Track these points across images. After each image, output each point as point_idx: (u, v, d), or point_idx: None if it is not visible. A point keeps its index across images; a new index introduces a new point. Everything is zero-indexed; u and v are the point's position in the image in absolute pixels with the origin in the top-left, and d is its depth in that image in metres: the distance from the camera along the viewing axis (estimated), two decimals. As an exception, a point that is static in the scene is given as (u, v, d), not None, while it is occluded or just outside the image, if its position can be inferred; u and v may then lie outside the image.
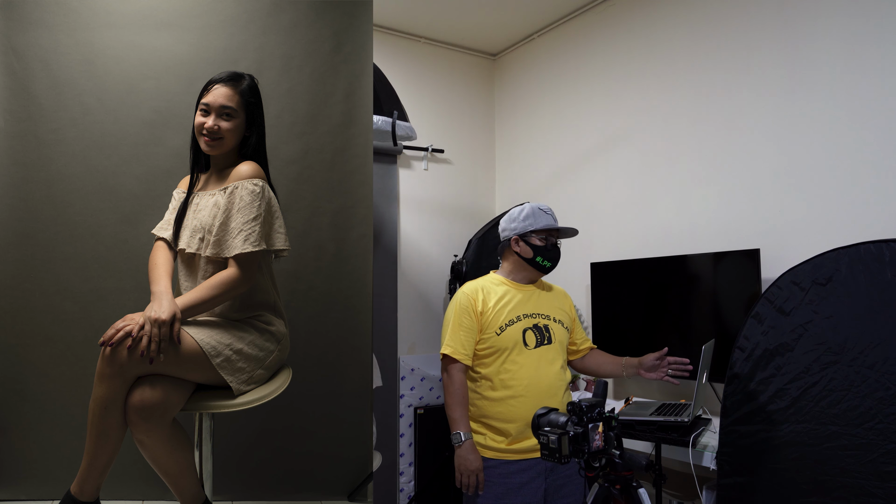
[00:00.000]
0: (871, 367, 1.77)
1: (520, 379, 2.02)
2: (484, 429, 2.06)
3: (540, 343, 2.07)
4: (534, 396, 1.99)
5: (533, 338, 2.06)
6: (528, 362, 2.03)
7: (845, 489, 1.75)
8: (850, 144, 2.26)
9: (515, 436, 2.01)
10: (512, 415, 2.01)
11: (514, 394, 2.01)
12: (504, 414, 2.02)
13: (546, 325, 2.10)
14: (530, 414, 1.96)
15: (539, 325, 2.08)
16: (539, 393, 2.00)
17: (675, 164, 2.86)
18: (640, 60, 3.06)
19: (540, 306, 2.13)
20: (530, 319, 2.08)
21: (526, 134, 3.76)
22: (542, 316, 2.11)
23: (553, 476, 2.03)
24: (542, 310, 2.13)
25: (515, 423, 2.00)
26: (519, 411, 2.00)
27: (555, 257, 2.13)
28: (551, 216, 2.13)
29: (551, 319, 2.12)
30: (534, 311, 2.11)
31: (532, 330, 2.07)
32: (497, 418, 2.03)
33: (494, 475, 2.01)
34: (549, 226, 2.10)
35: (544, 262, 2.11)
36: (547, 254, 2.11)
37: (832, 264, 1.91)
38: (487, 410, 2.04)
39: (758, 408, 1.96)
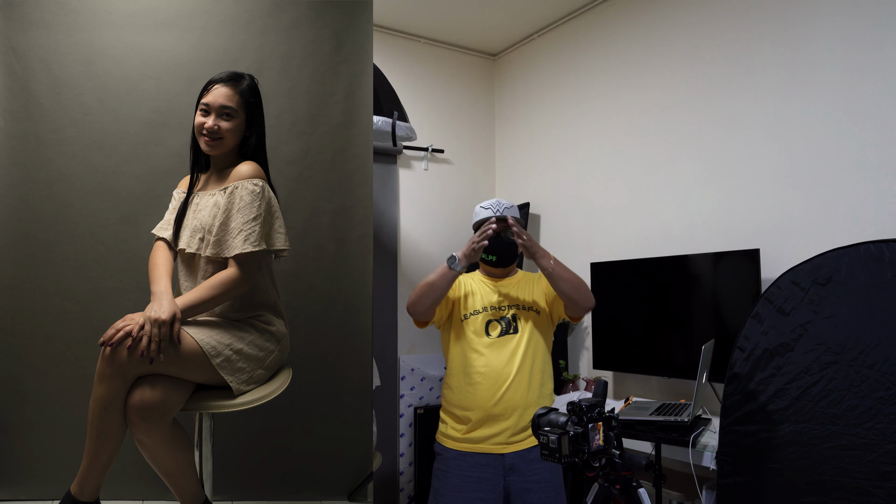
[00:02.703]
0: (871, 367, 1.77)
1: (479, 367, 2.02)
2: (448, 417, 2.09)
3: (504, 332, 2.06)
4: (492, 385, 2.00)
5: (497, 328, 2.07)
6: (489, 352, 2.04)
7: (845, 489, 1.75)
8: (850, 144, 2.26)
9: (474, 423, 2.01)
10: (469, 402, 2.02)
11: (473, 381, 2.02)
12: (462, 401, 2.04)
13: (514, 315, 2.09)
14: (488, 402, 2.00)
15: (506, 317, 2.08)
16: (499, 382, 2.00)
17: (676, 164, 2.86)
18: (640, 60, 3.06)
19: (509, 297, 2.12)
20: (497, 311, 2.09)
21: (526, 134, 3.76)
22: (510, 307, 2.10)
23: (515, 476, 2.00)
24: (511, 300, 2.12)
25: (473, 410, 2.01)
26: (476, 399, 2.01)
27: (498, 249, 2.08)
28: (489, 209, 2.11)
29: (520, 308, 2.10)
30: (502, 303, 2.10)
31: (498, 321, 2.08)
32: (458, 405, 2.05)
33: (453, 467, 2.02)
34: (483, 218, 2.10)
35: (489, 257, 2.10)
36: (488, 248, 2.07)
37: (832, 264, 1.91)
38: (450, 398, 2.09)
39: (758, 408, 1.96)
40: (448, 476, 2.02)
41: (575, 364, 3.34)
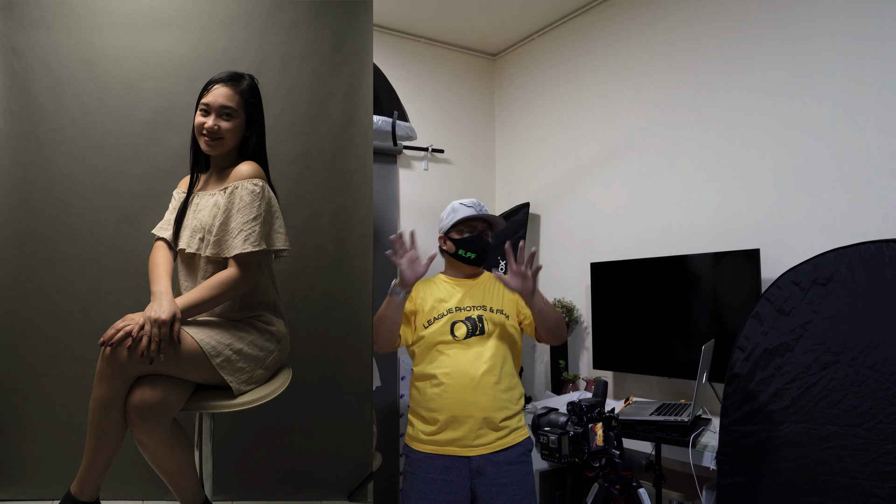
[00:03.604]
0: (871, 367, 1.77)
1: (446, 369, 1.98)
2: (415, 419, 2.05)
3: (471, 334, 2.02)
4: (458, 387, 1.96)
5: (463, 329, 2.03)
6: (455, 353, 2.00)
7: (845, 489, 1.75)
8: (850, 144, 2.26)
9: (441, 425, 1.97)
10: (437, 404, 1.98)
11: (439, 382, 1.98)
12: (429, 403, 1.99)
13: (480, 316, 2.04)
14: (455, 404, 1.95)
15: (472, 317, 2.04)
16: (465, 383, 1.96)
17: (676, 164, 2.86)
18: (640, 60, 3.06)
19: (476, 298, 2.08)
20: (463, 312, 2.04)
21: (526, 134, 3.76)
22: (477, 308, 2.06)
23: (482, 479, 1.95)
24: (479, 301, 2.08)
25: (439, 412, 1.97)
26: (444, 401, 1.97)
27: (478, 247, 2.07)
28: (473, 208, 2.09)
29: (488, 310, 2.07)
30: (469, 304, 2.06)
31: (463, 322, 2.03)
32: (425, 407, 2.01)
33: (419, 469, 1.98)
34: (467, 216, 2.07)
35: (467, 255, 2.07)
36: (469, 245, 2.06)
37: (832, 264, 1.91)
38: (418, 401, 2.04)
39: (758, 408, 1.96)
40: (415, 478, 1.98)
41: (575, 364, 3.34)
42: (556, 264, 3.50)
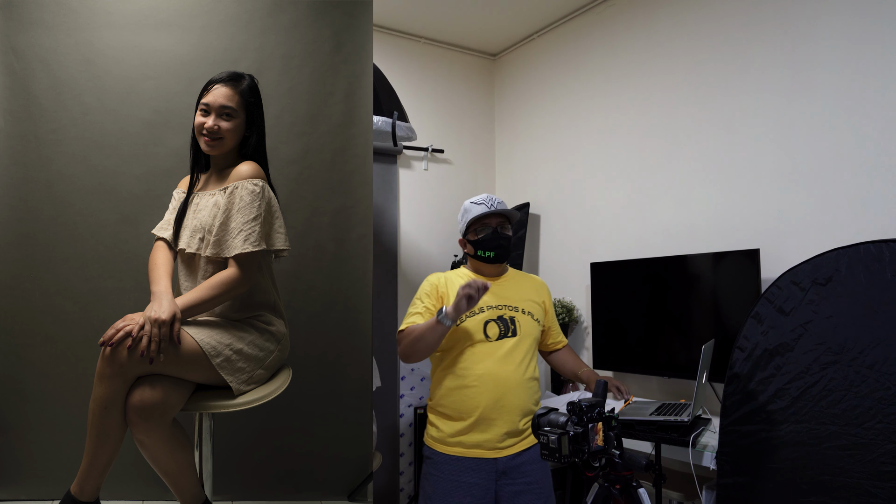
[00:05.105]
0: (871, 367, 1.77)
1: (477, 370, 1.96)
2: (439, 419, 2.02)
3: (503, 335, 2.01)
4: (490, 389, 1.95)
5: (496, 329, 2.01)
6: (487, 354, 1.98)
7: (845, 489, 1.75)
8: (851, 144, 2.26)
9: (469, 425, 1.96)
10: (465, 406, 1.96)
11: (469, 384, 1.96)
12: (458, 404, 1.97)
13: (512, 318, 2.03)
14: (487, 406, 1.94)
15: (504, 317, 2.02)
16: (496, 385, 1.95)
17: (675, 164, 2.86)
18: (639, 60, 3.06)
19: (508, 298, 2.07)
20: (495, 311, 2.02)
21: (526, 134, 3.76)
22: (509, 308, 2.05)
23: (507, 481, 1.96)
24: (510, 301, 2.06)
25: (469, 413, 1.96)
26: (473, 402, 1.95)
27: (497, 245, 2.05)
28: (484, 205, 2.06)
29: (519, 311, 2.05)
30: (500, 303, 2.04)
31: (496, 322, 2.01)
32: (451, 407, 1.99)
33: (444, 471, 1.97)
34: (479, 214, 2.05)
35: (486, 254, 2.05)
36: (486, 244, 2.05)
37: (832, 264, 1.91)
38: (443, 399, 2.01)
39: (758, 408, 1.96)
40: (440, 481, 1.97)
41: (575, 364, 3.33)
42: (556, 264, 3.50)
